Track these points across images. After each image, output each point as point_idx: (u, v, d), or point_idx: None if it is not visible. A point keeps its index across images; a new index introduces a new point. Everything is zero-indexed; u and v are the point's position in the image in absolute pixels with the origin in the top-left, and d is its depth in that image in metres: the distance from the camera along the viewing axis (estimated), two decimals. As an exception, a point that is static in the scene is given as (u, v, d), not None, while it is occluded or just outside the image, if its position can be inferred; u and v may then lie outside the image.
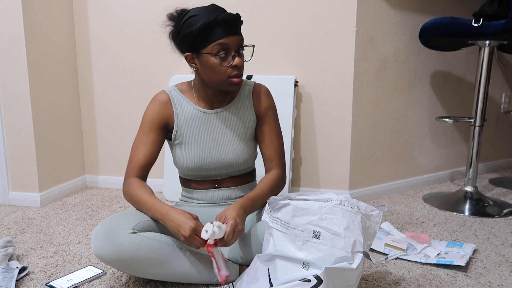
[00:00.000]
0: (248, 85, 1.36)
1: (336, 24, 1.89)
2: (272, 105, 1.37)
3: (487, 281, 1.26)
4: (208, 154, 1.29)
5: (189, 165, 1.30)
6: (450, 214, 1.86)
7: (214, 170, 1.31)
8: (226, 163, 1.31)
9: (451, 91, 2.34)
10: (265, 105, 1.35)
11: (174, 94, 1.32)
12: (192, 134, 1.30)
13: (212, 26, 1.15)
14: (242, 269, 1.21)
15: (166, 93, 1.31)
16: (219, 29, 1.15)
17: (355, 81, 1.92)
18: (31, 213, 1.88)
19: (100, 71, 2.22)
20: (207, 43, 1.17)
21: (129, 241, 1.10)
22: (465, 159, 2.49)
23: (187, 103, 1.31)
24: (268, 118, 1.35)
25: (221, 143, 1.30)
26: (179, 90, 1.33)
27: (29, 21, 1.88)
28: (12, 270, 1.25)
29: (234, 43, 1.18)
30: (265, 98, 1.35)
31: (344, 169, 1.99)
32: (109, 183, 2.30)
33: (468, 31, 1.80)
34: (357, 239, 1.02)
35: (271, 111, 1.36)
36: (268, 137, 1.34)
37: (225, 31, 1.16)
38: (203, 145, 1.30)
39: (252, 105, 1.35)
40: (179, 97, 1.32)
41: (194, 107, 1.31)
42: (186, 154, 1.30)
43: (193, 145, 1.30)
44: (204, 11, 1.17)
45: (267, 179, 1.29)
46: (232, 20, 1.17)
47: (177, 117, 1.30)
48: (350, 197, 1.09)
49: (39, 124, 1.98)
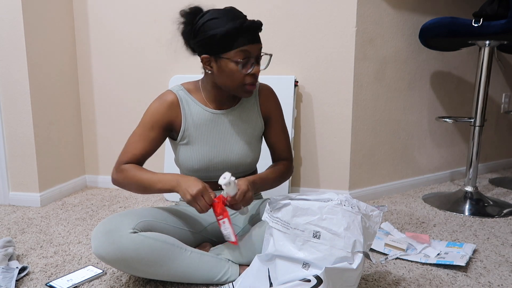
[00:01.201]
0: None
1: (336, 24, 1.89)
2: (278, 105, 1.39)
3: (487, 281, 1.26)
4: (215, 154, 1.29)
5: (195, 166, 1.29)
6: (450, 214, 1.86)
7: (220, 170, 1.30)
8: (233, 164, 1.31)
9: (451, 91, 2.34)
10: (272, 105, 1.37)
11: (181, 94, 1.30)
12: (199, 135, 1.29)
13: (239, 32, 1.14)
14: (242, 269, 1.21)
15: (173, 93, 1.29)
16: (244, 35, 1.15)
17: (355, 81, 1.92)
18: (31, 213, 1.88)
19: (100, 71, 2.22)
20: (230, 48, 1.16)
21: (130, 241, 1.10)
22: (465, 159, 2.49)
23: (195, 104, 1.30)
24: (275, 118, 1.38)
25: (229, 143, 1.30)
26: (186, 90, 1.31)
27: (29, 21, 1.88)
28: (12, 270, 1.25)
29: (255, 51, 1.19)
30: (271, 99, 1.38)
31: (344, 169, 1.99)
32: (109, 183, 2.30)
33: (468, 31, 1.80)
34: (357, 239, 1.02)
35: (277, 110, 1.39)
36: (276, 136, 1.39)
37: (250, 39, 1.16)
38: (211, 145, 1.29)
39: (258, 106, 1.36)
40: (187, 98, 1.30)
41: (203, 107, 1.30)
42: (193, 155, 1.29)
43: (201, 146, 1.29)
44: (226, 15, 1.16)
45: (277, 165, 1.37)
46: (256, 28, 1.17)
47: (184, 118, 1.29)
48: (351, 197, 1.09)
49: (39, 124, 1.98)
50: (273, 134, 1.39)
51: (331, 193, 1.10)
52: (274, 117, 1.38)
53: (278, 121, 1.39)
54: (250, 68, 1.19)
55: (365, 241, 1.05)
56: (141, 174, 1.20)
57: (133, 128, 2.22)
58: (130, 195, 2.15)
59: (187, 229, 1.28)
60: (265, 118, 1.38)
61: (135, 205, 2.00)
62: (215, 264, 1.20)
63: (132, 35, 2.14)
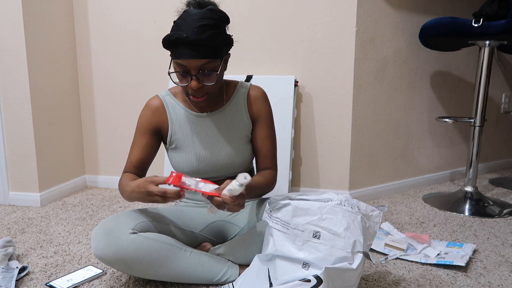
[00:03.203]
0: (243, 87, 1.33)
1: (336, 24, 1.89)
2: (267, 108, 1.33)
3: (487, 281, 1.26)
4: (203, 158, 1.28)
5: (185, 170, 1.30)
6: (450, 214, 1.86)
7: (211, 173, 1.30)
8: (221, 167, 1.30)
9: (451, 91, 2.34)
10: (260, 108, 1.31)
11: (167, 99, 1.30)
12: (186, 139, 1.29)
13: (172, 44, 1.11)
14: (242, 269, 1.21)
15: (159, 98, 1.29)
16: (180, 48, 1.10)
17: (355, 81, 1.92)
18: (31, 213, 1.88)
19: (100, 71, 2.22)
20: (173, 57, 1.14)
21: (129, 242, 1.10)
22: (465, 159, 2.49)
23: (180, 108, 1.29)
24: (262, 121, 1.32)
25: (215, 146, 1.29)
26: (172, 94, 1.31)
27: (29, 21, 1.88)
28: (12, 270, 1.25)
29: (192, 66, 1.11)
30: (260, 101, 1.32)
31: (344, 169, 1.99)
32: (109, 183, 2.30)
33: (468, 31, 1.80)
34: (357, 239, 1.02)
35: (266, 113, 1.32)
36: (261, 140, 1.32)
37: (183, 53, 1.09)
38: (198, 149, 1.29)
39: (246, 108, 1.31)
40: (173, 102, 1.30)
41: (188, 111, 1.29)
42: (181, 159, 1.29)
43: (188, 150, 1.29)
44: (182, 22, 1.10)
45: (264, 173, 1.29)
46: (193, 42, 1.08)
47: (171, 122, 1.29)
48: (350, 197, 1.09)
49: (39, 124, 1.98)
50: (258, 137, 1.32)
51: (331, 193, 1.09)
52: (261, 119, 1.32)
53: (265, 124, 1.32)
54: (188, 81, 1.14)
55: (365, 241, 1.05)
56: (127, 183, 1.16)
57: (133, 128, 2.22)
58: (130, 195, 2.15)
59: (186, 229, 1.28)
60: (253, 119, 1.33)
61: (135, 205, 2.00)
62: (214, 264, 1.20)
63: (132, 35, 2.14)
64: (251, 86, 1.34)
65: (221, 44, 1.13)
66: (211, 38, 1.09)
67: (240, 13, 1.98)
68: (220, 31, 1.12)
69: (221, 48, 1.13)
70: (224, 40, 1.13)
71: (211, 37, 1.09)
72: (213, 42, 1.10)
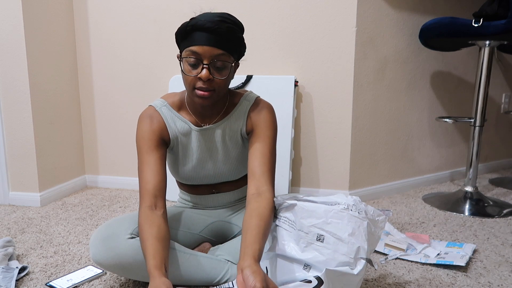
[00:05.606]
0: (248, 100, 1.25)
1: (336, 24, 1.89)
2: (267, 124, 1.21)
3: (487, 281, 1.26)
4: (201, 169, 1.27)
5: (181, 180, 1.30)
6: (450, 214, 1.86)
7: (207, 181, 1.31)
8: (220, 179, 1.30)
9: (451, 91, 2.34)
10: (261, 119, 1.21)
11: (164, 111, 1.23)
12: (184, 151, 1.26)
13: (190, 30, 1.09)
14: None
15: (153, 108, 1.23)
16: (197, 35, 1.08)
17: (355, 81, 1.92)
18: (31, 213, 1.88)
19: (100, 71, 2.22)
20: (184, 46, 1.11)
21: (127, 247, 1.09)
22: (465, 159, 2.49)
23: (179, 119, 1.24)
24: (263, 134, 1.19)
25: (215, 159, 1.27)
26: (169, 105, 1.24)
27: (29, 21, 1.88)
28: (12, 270, 1.25)
29: (206, 54, 1.07)
30: (263, 113, 1.22)
31: (344, 169, 1.99)
32: (109, 183, 2.30)
33: (468, 31, 1.80)
34: (361, 246, 1.00)
35: (268, 127, 1.21)
36: (260, 154, 1.17)
37: (198, 39, 1.07)
38: (196, 162, 1.26)
39: (245, 121, 1.23)
40: (171, 114, 1.24)
41: (187, 123, 1.24)
42: (179, 170, 1.28)
43: (186, 162, 1.27)
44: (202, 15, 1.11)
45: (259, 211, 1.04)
46: (211, 29, 1.06)
47: (171, 134, 1.24)
48: (359, 201, 1.04)
49: (39, 124, 1.98)
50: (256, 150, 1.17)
51: (340, 194, 1.06)
52: (258, 134, 1.19)
53: (265, 138, 1.19)
54: (200, 71, 1.09)
55: (369, 247, 1.03)
56: (143, 236, 1.03)
57: (133, 128, 2.22)
58: (130, 195, 2.15)
59: (186, 230, 1.28)
60: (249, 133, 1.23)
61: (135, 205, 2.00)
62: (214, 265, 1.20)
63: (132, 35, 2.14)
64: (257, 99, 1.26)
65: (237, 42, 1.11)
66: (229, 30, 1.08)
67: (240, 13, 1.98)
68: (238, 31, 1.12)
69: (236, 47, 1.12)
70: (239, 41, 1.12)
71: (230, 30, 1.08)
72: (230, 35, 1.09)
